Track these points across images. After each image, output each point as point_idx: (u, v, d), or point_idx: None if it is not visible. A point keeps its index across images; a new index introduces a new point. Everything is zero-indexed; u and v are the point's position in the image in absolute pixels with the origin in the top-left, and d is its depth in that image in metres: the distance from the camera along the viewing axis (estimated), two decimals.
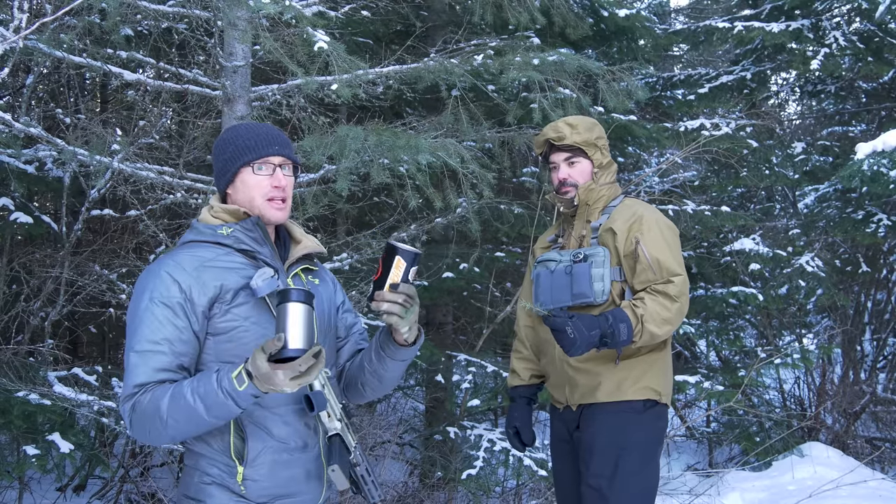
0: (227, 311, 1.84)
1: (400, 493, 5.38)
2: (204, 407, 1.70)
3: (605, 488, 2.67)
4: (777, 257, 6.29)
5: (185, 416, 1.71)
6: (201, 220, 1.97)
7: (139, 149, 4.40)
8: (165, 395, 1.73)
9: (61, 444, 3.90)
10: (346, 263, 4.61)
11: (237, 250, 1.90)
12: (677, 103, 7.25)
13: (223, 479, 1.84)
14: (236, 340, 1.84)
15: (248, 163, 1.94)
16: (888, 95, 7.73)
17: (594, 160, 2.88)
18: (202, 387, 1.70)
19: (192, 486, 1.87)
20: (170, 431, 1.73)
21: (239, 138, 1.97)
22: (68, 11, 3.43)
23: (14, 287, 5.03)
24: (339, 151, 3.59)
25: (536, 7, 4.73)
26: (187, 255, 1.87)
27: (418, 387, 6.76)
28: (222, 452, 1.84)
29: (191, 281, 1.82)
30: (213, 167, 2.02)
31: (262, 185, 1.94)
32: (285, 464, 1.88)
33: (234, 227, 1.92)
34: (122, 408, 1.78)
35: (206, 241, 1.91)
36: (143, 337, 1.78)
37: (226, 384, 1.68)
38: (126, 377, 1.79)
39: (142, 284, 1.85)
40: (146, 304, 1.81)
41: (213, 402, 1.69)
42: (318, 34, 3.52)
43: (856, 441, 6.91)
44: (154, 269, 1.86)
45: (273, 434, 1.86)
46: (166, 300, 1.80)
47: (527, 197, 5.97)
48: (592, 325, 2.56)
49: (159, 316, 1.79)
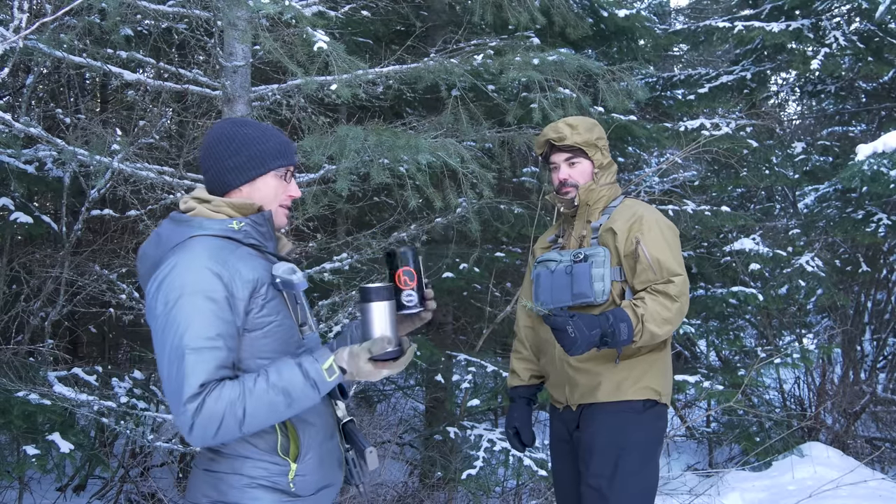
0: (262, 306, 1.80)
1: (400, 493, 5.38)
2: (287, 400, 1.72)
3: (605, 488, 2.67)
4: (777, 257, 6.29)
5: (267, 410, 1.71)
6: (197, 213, 1.88)
7: (139, 149, 4.40)
8: (237, 392, 1.69)
9: (61, 444, 3.90)
10: (346, 263, 4.61)
11: (245, 244, 1.87)
12: (677, 103, 7.25)
13: (272, 480, 1.82)
14: (272, 336, 1.82)
15: (279, 167, 1.95)
16: (888, 95, 7.73)
17: (594, 161, 2.88)
18: (283, 380, 1.72)
19: (232, 492, 1.80)
20: (244, 429, 1.71)
21: (268, 140, 1.94)
22: (68, 11, 3.43)
23: (14, 287, 5.03)
24: (338, 151, 3.59)
25: (536, 7, 4.73)
26: (215, 249, 1.79)
27: (418, 387, 6.77)
28: (270, 452, 1.82)
29: (230, 275, 1.76)
30: (223, 159, 1.92)
31: (281, 192, 1.97)
32: (328, 454, 1.92)
33: (244, 220, 1.88)
34: (183, 410, 1.67)
35: (216, 235, 1.83)
36: (196, 334, 1.70)
37: (314, 375, 1.72)
38: (183, 378, 1.68)
39: (179, 281, 1.74)
40: (191, 300, 1.71)
41: (299, 394, 1.72)
42: (317, 34, 3.52)
43: (856, 441, 6.91)
44: (189, 265, 1.75)
45: (316, 426, 1.89)
46: (212, 294, 1.73)
47: (527, 197, 5.97)
48: (593, 324, 2.56)
49: (208, 312, 1.72)
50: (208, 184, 1.96)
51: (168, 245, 1.84)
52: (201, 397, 1.67)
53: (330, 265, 4.57)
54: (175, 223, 1.88)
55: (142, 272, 1.93)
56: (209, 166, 1.94)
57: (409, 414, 6.79)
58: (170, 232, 1.87)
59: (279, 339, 1.84)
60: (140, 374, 4.86)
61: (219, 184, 1.93)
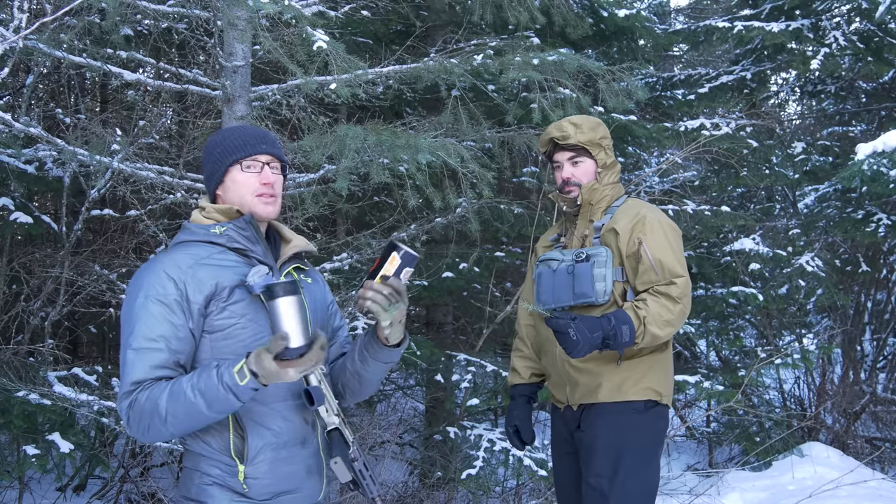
0: (223, 308, 1.84)
1: (400, 493, 5.38)
2: (205, 402, 1.71)
3: (606, 488, 2.67)
4: (777, 257, 6.29)
5: (185, 411, 1.72)
6: (193, 220, 1.99)
7: (139, 149, 4.40)
8: (164, 392, 1.73)
9: (61, 444, 3.90)
10: (346, 263, 4.60)
11: (230, 249, 1.92)
12: (677, 103, 7.25)
13: (224, 479, 1.84)
14: (233, 338, 1.85)
15: (236, 161, 1.97)
16: (888, 95, 7.73)
17: (598, 160, 2.88)
18: (202, 382, 1.71)
19: (193, 488, 1.86)
20: (169, 428, 1.74)
21: (226, 140, 2.00)
22: (68, 11, 3.42)
23: (14, 287, 5.03)
24: (338, 151, 3.59)
25: (536, 7, 4.72)
26: (181, 254, 1.88)
27: (418, 387, 6.77)
28: (222, 452, 1.85)
29: (186, 278, 1.83)
30: (203, 171, 2.05)
31: (250, 182, 1.97)
32: (285, 460, 1.89)
33: (226, 225, 1.94)
34: (120, 406, 1.79)
35: (199, 240, 1.92)
36: (139, 334, 1.79)
37: (227, 379, 1.70)
38: (123, 375, 1.79)
39: (137, 282, 1.86)
40: (142, 302, 1.81)
41: (213, 396, 1.71)
42: (317, 34, 3.52)
43: (856, 441, 6.90)
44: (149, 268, 1.87)
45: (272, 430, 1.87)
46: (162, 297, 1.81)
47: (527, 197, 5.97)
48: (595, 326, 2.56)
49: (155, 313, 1.80)
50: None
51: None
52: (134, 394, 1.76)
53: (330, 265, 4.57)
54: (180, 230, 2.01)
55: None
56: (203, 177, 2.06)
57: (409, 414, 6.79)
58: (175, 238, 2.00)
59: (242, 341, 1.84)
60: None
61: (207, 192, 2.06)
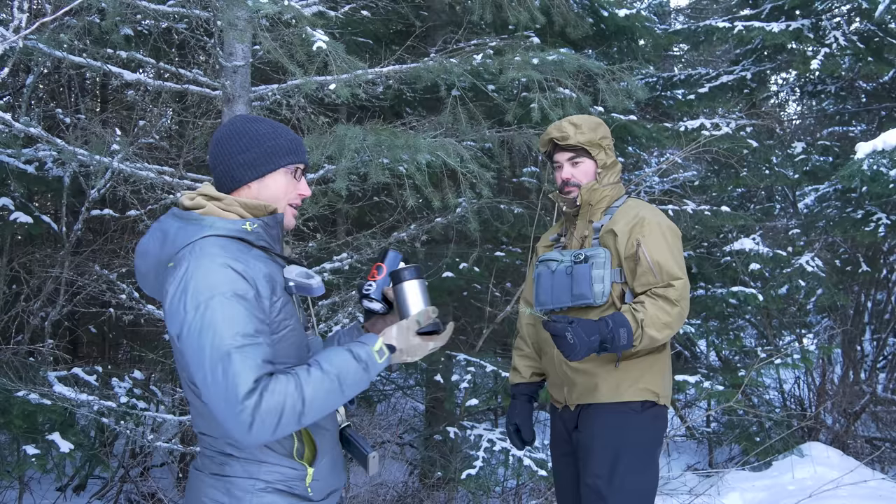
0: (280, 308, 1.77)
1: (400, 493, 5.38)
2: (340, 387, 1.71)
3: (603, 489, 2.67)
4: (777, 257, 6.28)
5: (324, 398, 1.69)
6: (208, 212, 1.81)
7: (139, 149, 4.41)
8: (293, 383, 1.65)
9: (61, 444, 3.91)
10: (345, 263, 4.61)
11: (256, 246, 1.81)
12: (677, 103, 7.25)
13: (288, 484, 1.79)
14: (287, 340, 1.79)
15: (290, 164, 1.91)
16: (888, 95, 7.73)
17: (598, 160, 2.88)
18: (335, 367, 1.71)
19: (246, 497, 1.76)
20: (304, 419, 1.67)
21: (279, 136, 1.90)
22: (68, 11, 3.43)
23: (14, 287, 5.03)
24: (338, 151, 3.60)
25: (536, 6, 4.72)
26: (233, 249, 1.74)
27: (418, 387, 6.77)
28: (287, 456, 1.80)
29: (252, 274, 1.71)
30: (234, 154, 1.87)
31: (290, 189, 1.92)
32: (337, 457, 1.93)
33: (257, 221, 1.82)
34: (241, 409, 1.60)
35: (228, 235, 1.77)
36: (237, 333, 1.64)
37: (365, 357, 1.73)
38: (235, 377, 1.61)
39: (205, 282, 1.67)
40: (223, 301, 1.65)
41: (351, 379, 1.72)
42: (317, 34, 3.52)
43: (856, 441, 6.90)
44: (212, 266, 1.69)
45: (330, 430, 1.91)
46: (242, 293, 1.67)
47: (526, 197, 5.97)
48: (592, 330, 2.55)
49: (242, 310, 1.66)
50: (217, 180, 1.90)
51: (177, 244, 1.77)
52: (258, 392, 1.61)
53: (330, 265, 4.57)
54: (183, 221, 1.81)
55: (142, 269, 1.86)
56: (219, 162, 1.88)
57: (409, 414, 6.79)
58: (177, 230, 1.79)
59: (293, 343, 1.81)
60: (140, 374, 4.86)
61: (228, 180, 1.87)
